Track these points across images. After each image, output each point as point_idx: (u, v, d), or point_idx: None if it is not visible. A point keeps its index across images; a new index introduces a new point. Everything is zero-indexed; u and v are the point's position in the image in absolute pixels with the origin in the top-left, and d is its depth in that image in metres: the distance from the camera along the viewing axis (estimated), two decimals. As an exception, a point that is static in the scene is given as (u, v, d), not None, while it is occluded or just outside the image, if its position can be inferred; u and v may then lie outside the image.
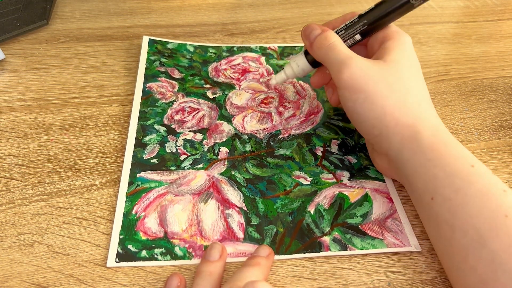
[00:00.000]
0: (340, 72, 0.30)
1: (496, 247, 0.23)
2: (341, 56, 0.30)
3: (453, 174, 0.26)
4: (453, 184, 0.26)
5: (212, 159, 0.33)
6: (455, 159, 0.27)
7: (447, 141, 0.28)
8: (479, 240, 0.24)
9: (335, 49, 0.31)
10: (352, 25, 0.32)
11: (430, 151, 0.27)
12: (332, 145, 0.35)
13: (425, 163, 0.27)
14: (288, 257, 0.28)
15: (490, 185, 0.25)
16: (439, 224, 0.26)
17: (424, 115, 0.29)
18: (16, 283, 0.26)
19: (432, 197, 0.27)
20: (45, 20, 0.46)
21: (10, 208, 0.30)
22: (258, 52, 0.45)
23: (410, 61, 0.31)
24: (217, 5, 0.53)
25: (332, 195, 0.31)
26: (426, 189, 0.27)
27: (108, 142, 0.35)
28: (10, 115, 0.36)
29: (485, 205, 0.24)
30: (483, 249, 0.23)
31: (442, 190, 0.26)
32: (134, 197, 0.30)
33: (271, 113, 0.38)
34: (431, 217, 0.27)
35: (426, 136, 0.28)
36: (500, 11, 0.55)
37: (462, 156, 0.27)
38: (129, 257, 0.27)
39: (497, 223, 0.23)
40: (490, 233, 0.23)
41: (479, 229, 0.24)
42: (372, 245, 0.29)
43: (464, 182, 0.26)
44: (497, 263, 0.23)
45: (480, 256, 0.23)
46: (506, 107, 0.40)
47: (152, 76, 0.40)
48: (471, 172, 0.26)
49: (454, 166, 0.26)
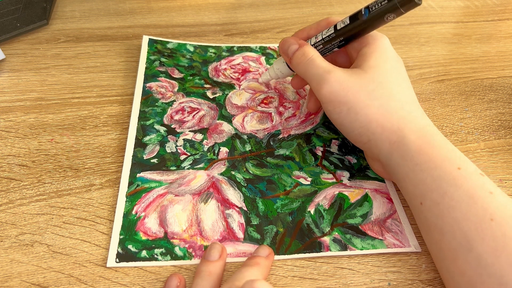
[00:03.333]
0: (320, 87, 0.30)
1: (482, 250, 0.23)
2: (320, 71, 0.30)
3: (440, 177, 0.26)
4: (440, 188, 0.26)
5: (212, 159, 0.33)
6: (442, 161, 0.27)
7: (434, 143, 0.28)
8: (467, 244, 0.24)
9: (313, 64, 0.31)
10: (329, 41, 0.32)
11: (417, 155, 0.28)
12: (332, 145, 0.35)
13: (414, 168, 0.27)
14: (288, 257, 0.28)
15: (476, 188, 0.25)
16: (429, 228, 0.26)
17: (409, 118, 0.29)
18: (16, 283, 0.26)
19: (421, 202, 0.27)
20: (45, 20, 0.46)
21: (10, 208, 0.30)
22: (258, 52, 0.45)
23: (390, 63, 0.31)
24: (217, 5, 0.53)
25: (332, 195, 0.31)
26: (415, 193, 0.27)
27: (108, 142, 0.35)
28: (10, 115, 0.36)
29: (471, 209, 0.24)
30: (470, 253, 0.24)
31: (430, 194, 0.26)
32: (134, 197, 0.30)
33: (271, 113, 0.38)
34: (422, 221, 0.27)
35: (412, 140, 0.28)
36: (500, 11, 0.55)
37: (449, 158, 0.27)
38: (129, 257, 0.27)
39: (483, 227, 0.24)
40: (477, 237, 0.24)
41: (466, 233, 0.24)
42: (372, 245, 0.29)
43: (451, 186, 0.26)
44: (483, 266, 0.23)
45: (467, 259, 0.24)
46: (506, 107, 0.40)
47: (152, 76, 0.40)
48: (457, 175, 0.26)
49: (440, 170, 0.26)
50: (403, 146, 0.28)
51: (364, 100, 0.29)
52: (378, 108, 0.29)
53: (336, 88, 0.30)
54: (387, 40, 0.32)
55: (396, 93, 0.30)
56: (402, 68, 0.32)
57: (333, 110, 0.30)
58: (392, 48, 0.32)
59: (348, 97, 0.29)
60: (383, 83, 0.30)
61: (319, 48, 0.33)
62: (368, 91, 0.29)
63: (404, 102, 0.30)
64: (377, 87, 0.29)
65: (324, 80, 0.30)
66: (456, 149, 0.28)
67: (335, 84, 0.30)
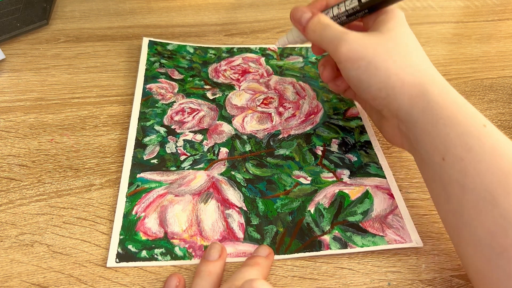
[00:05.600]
0: (338, 47, 0.30)
1: (507, 205, 0.23)
2: (337, 33, 0.30)
3: (465, 133, 0.26)
4: (465, 143, 0.25)
5: (212, 160, 0.34)
6: (466, 118, 0.26)
7: (457, 99, 0.28)
8: (491, 199, 0.23)
9: (330, 28, 0.31)
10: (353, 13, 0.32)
11: (440, 109, 0.27)
12: (332, 144, 0.35)
13: (436, 122, 0.27)
14: (288, 257, 0.28)
15: (502, 144, 0.25)
16: (450, 184, 0.26)
17: (430, 72, 0.29)
18: (16, 283, 0.26)
19: (444, 158, 0.26)
20: (45, 20, 0.46)
21: (10, 208, 0.30)
22: (258, 53, 0.45)
23: (406, 30, 0.31)
24: (217, 5, 0.53)
25: (332, 193, 0.31)
26: (437, 149, 0.27)
27: (108, 142, 0.35)
28: (10, 115, 0.36)
29: (497, 164, 0.24)
30: (494, 207, 0.23)
31: (453, 149, 0.26)
32: (134, 197, 0.30)
33: (271, 113, 0.38)
34: (442, 177, 0.26)
35: (435, 94, 0.28)
36: (500, 11, 0.55)
37: (474, 115, 0.27)
38: (129, 257, 0.27)
39: (508, 181, 0.23)
40: (502, 191, 0.23)
41: (491, 188, 0.24)
42: (373, 242, 0.29)
43: (476, 141, 0.25)
44: (508, 221, 0.23)
45: (491, 214, 0.23)
46: (506, 107, 0.40)
47: (152, 77, 0.40)
48: (483, 131, 0.26)
49: (465, 125, 0.26)
50: (425, 99, 0.28)
51: (383, 55, 0.29)
52: (398, 63, 0.29)
53: (355, 46, 0.29)
54: (403, 14, 0.32)
55: (414, 52, 0.30)
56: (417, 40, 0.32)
57: (351, 67, 0.30)
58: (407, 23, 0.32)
59: (368, 52, 0.29)
60: (401, 43, 0.30)
61: (343, 20, 0.33)
62: (387, 48, 0.29)
63: (423, 59, 0.30)
64: (396, 45, 0.29)
65: (342, 39, 0.30)
66: (476, 110, 0.27)
67: (354, 43, 0.29)
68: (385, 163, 0.34)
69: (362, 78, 0.29)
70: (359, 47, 0.29)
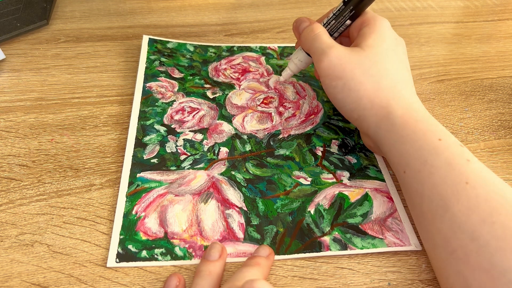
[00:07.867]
0: (320, 61, 0.32)
1: (457, 210, 0.25)
2: (323, 46, 0.32)
3: (422, 147, 0.28)
4: (421, 157, 0.28)
5: (212, 159, 0.33)
6: (425, 134, 0.29)
7: (418, 117, 0.30)
8: (443, 205, 0.26)
9: (318, 39, 0.33)
10: (340, 14, 0.33)
11: (402, 129, 0.29)
12: (332, 145, 0.35)
13: (398, 140, 0.30)
14: (288, 257, 0.28)
15: (454, 156, 0.27)
16: (411, 194, 0.28)
17: (398, 96, 0.31)
18: (16, 283, 0.26)
19: (405, 171, 0.29)
20: (45, 20, 0.46)
21: (10, 208, 0.30)
22: (258, 52, 0.45)
23: (387, 44, 0.32)
24: (217, 5, 0.53)
25: (332, 195, 0.31)
26: (400, 163, 0.29)
27: (108, 142, 0.35)
28: (10, 115, 0.36)
29: (449, 174, 0.26)
30: (446, 213, 0.26)
31: (412, 163, 0.28)
32: (134, 197, 0.30)
33: (271, 113, 0.38)
34: (405, 188, 0.29)
35: (398, 115, 0.30)
36: (500, 11, 0.55)
37: (431, 130, 0.29)
38: (129, 257, 0.27)
39: (458, 189, 0.26)
40: (453, 198, 0.26)
41: (443, 196, 0.26)
42: (372, 244, 0.29)
43: (431, 155, 0.28)
44: (457, 224, 0.25)
45: (444, 219, 0.26)
46: (506, 107, 0.40)
47: (152, 75, 0.40)
48: (438, 145, 0.28)
49: (422, 141, 0.28)
50: (389, 121, 0.30)
51: (359, 77, 0.31)
52: (371, 86, 0.31)
53: (335, 62, 0.31)
54: (387, 22, 0.33)
55: (390, 72, 0.31)
56: (400, 49, 0.33)
57: (329, 84, 0.32)
58: (392, 30, 0.33)
59: (345, 72, 0.31)
60: (379, 62, 0.31)
61: (332, 24, 0.34)
62: (364, 69, 0.31)
63: (397, 81, 0.31)
64: (372, 65, 0.31)
65: (325, 54, 0.32)
66: (438, 124, 0.30)
67: (335, 59, 0.31)
68: (384, 166, 0.34)
69: (338, 97, 0.32)
70: (338, 64, 0.31)
